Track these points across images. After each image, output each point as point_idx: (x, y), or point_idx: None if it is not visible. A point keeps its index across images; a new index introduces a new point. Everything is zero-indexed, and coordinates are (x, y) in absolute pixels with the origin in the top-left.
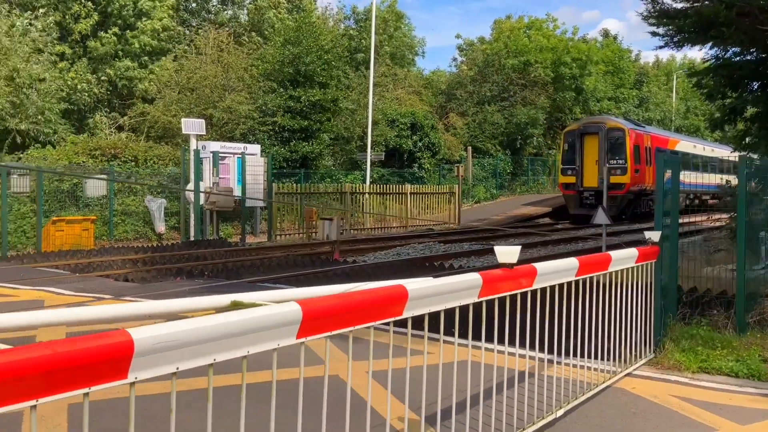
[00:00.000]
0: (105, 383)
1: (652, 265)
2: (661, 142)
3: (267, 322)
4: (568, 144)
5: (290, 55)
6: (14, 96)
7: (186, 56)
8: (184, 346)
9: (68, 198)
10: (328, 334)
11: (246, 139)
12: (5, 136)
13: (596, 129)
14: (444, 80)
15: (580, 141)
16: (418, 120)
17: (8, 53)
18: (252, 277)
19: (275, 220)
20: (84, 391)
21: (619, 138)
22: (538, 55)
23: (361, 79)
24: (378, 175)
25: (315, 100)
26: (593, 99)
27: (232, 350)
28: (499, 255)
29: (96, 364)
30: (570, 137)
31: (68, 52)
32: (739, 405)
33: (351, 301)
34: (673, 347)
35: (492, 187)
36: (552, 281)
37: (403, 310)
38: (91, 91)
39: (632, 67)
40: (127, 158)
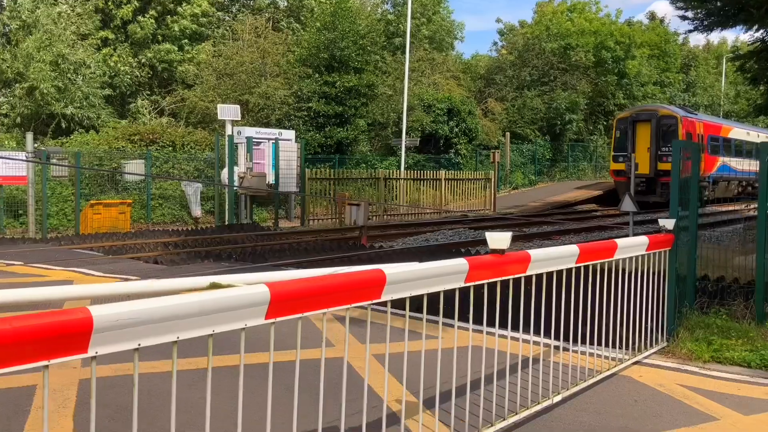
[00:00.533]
0: (65, 356)
1: (666, 253)
2: (714, 129)
3: (233, 302)
4: (620, 131)
5: (326, 41)
6: (59, 81)
7: (224, 42)
8: (145, 323)
9: (108, 182)
10: (300, 315)
11: (281, 124)
12: (50, 121)
13: (649, 116)
14: (483, 65)
15: (633, 128)
16: (455, 105)
17: (54, 39)
18: (278, 261)
19: (308, 205)
20: (44, 363)
21: (671, 126)
22: (579, 39)
23: (398, 64)
24: (413, 160)
25: (350, 85)
26: (637, 83)
27: (197, 329)
28: (490, 241)
29: (56, 338)
30: (622, 124)
31: (110, 37)
32: (747, 395)
33: (324, 284)
34: (687, 336)
35: (530, 173)
36: (548, 268)
37: (381, 294)
38: (133, 73)
39: (679, 51)
40: (165, 143)
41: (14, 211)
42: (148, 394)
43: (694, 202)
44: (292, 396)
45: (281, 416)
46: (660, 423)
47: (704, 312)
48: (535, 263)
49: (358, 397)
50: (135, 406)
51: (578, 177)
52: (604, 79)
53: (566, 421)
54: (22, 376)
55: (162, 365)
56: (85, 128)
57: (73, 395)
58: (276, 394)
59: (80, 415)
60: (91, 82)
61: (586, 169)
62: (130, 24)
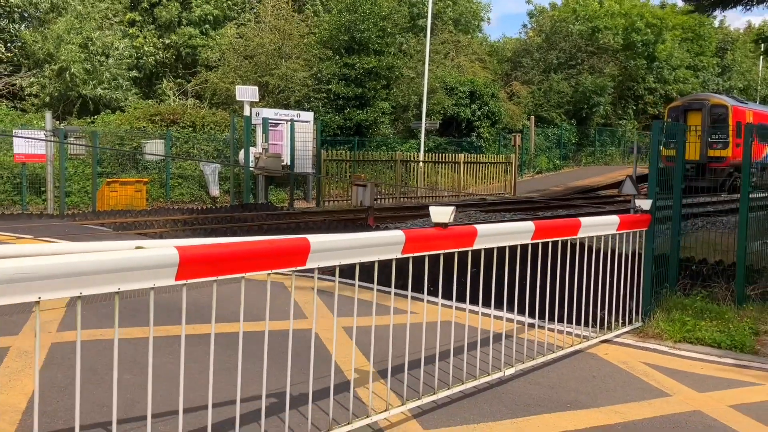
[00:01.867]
0: None
1: (643, 233)
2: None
3: (139, 263)
4: (672, 119)
5: (346, 23)
6: (88, 63)
7: (245, 24)
8: (46, 278)
9: (128, 161)
10: (214, 278)
11: (301, 106)
12: (76, 101)
13: (700, 105)
14: (510, 48)
15: (684, 116)
16: (478, 88)
17: (82, 21)
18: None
19: (324, 186)
20: None
21: (721, 114)
22: (608, 21)
23: (421, 46)
24: (435, 144)
25: (370, 67)
26: (668, 67)
27: (102, 286)
28: (432, 215)
29: None
30: (674, 113)
31: (138, 19)
32: (708, 374)
33: (240, 249)
34: (663, 317)
35: (555, 157)
36: (499, 243)
37: (306, 261)
38: (157, 54)
39: (714, 34)
40: (186, 124)
41: (37, 188)
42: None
43: (678, 185)
44: (239, 362)
45: (222, 381)
46: (610, 398)
47: (686, 294)
48: (483, 238)
49: (307, 366)
50: (37, 354)
51: (605, 162)
52: (634, 62)
53: (517, 393)
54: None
55: (136, 332)
56: (112, 109)
57: (42, 357)
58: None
59: (44, 375)
60: (119, 63)
61: (614, 154)
62: (157, 6)
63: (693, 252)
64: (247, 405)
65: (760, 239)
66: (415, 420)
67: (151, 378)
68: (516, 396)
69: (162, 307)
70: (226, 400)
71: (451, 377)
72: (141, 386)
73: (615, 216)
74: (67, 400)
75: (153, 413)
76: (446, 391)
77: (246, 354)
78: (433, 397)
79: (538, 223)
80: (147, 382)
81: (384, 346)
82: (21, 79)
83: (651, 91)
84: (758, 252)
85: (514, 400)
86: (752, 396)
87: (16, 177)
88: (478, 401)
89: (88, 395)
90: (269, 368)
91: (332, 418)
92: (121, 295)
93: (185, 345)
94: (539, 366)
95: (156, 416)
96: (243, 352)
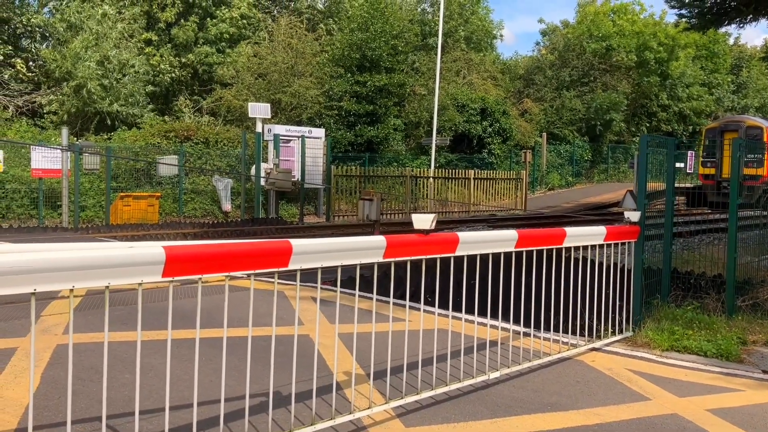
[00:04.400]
0: None
1: (632, 245)
2: None
3: (127, 259)
4: (709, 140)
5: (358, 41)
6: (105, 80)
7: (259, 43)
8: (41, 271)
9: (143, 176)
10: (201, 276)
11: (312, 122)
12: (93, 117)
13: (736, 127)
14: (523, 65)
15: (721, 137)
16: (489, 105)
17: (100, 40)
18: None
19: (334, 201)
20: None
21: (756, 135)
22: (620, 41)
23: (432, 63)
24: (446, 160)
25: (381, 85)
26: (681, 84)
27: (93, 280)
28: (414, 222)
29: None
30: (711, 134)
31: (155, 39)
32: (691, 381)
33: (224, 249)
34: (652, 326)
35: (568, 174)
36: (481, 250)
37: (288, 262)
38: (173, 72)
39: (729, 52)
40: (199, 140)
41: (53, 203)
42: (114, 358)
43: (670, 197)
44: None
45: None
46: (590, 401)
47: (678, 305)
48: (465, 245)
49: (309, 368)
50: (33, 347)
51: (618, 179)
52: (647, 80)
53: (501, 396)
54: (3, 339)
55: (133, 335)
56: (129, 126)
57: (47, 357)
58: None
59: (48, 373)
60: (136, 81)
61: (628, 172)
62: (173, 27)
63: (692, 265)
64: (233, 404)
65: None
66: (398, 419)
67: (140, 375)
68: (498, 398)
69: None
70: (212, 399)
71: (434, 379)
72: (141, 385)
73: (602, 227)
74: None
75: (143, 409)
76: (430, 392)
77: (240, 356)
78: (417, 397)
79: (522, 232)
80: (149, 382)
81: (380, 350)
82: (41, 97)
83: (664, 108)
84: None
85: (496, 402)
86: (731, 401)
87: (33, 191)
88: (461, 402)
89: (89, 392)
90: (258, 369)
91: (315, 413)
92: (127, 300)
93: (182, 347)
94: (525, 371)
95: (145, 412)
96: (238, 354)
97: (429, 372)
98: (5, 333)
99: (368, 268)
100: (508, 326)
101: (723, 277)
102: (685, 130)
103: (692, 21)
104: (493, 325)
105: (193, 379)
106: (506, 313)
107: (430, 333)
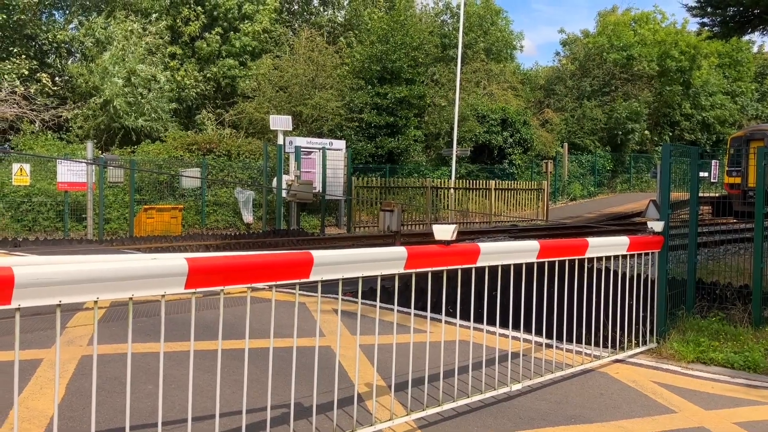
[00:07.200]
0: None
1: (656, 255)
2: None
3: (150, 271)
4: (735, 149)
5: (378, 53)
6: (131, 96)
7: (280, 56)
8: (66, 283)
9: (166, 189)
10: (221, 288)
11: (333, 134)
12: (118, 132)
13: (761, 135)
14: (543, 75)
15: (747, 146)
16: (510, 116)
17: (126, 56)
18: None
19: (355, 212)
20: None
21: None
22: (642, 50)
23: (452, 75)
24: (467, 171)
25: (401, 96)
26: (704, 93)
27: (117, 292)
28: (435, 232)
29: None
30: (736, 143)
31: (179, 52)
32: (717, 393)
33: (246, 261)
34: (677, 338)
35: (590, 184)
36: (503, 261)
37: (309, 274)
38: (198, 87)
39: (752, 59)
40: (221, 153)
41: (78, 215)
42: (137, 369)
43: (694, 208)
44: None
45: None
46: (615, 413)
47: (703, 316)
48: (486, 255)
49: (330, 380)
50: (58, 358)
51: (641, 189)
52: (669, 89)
53: (523, 408)
54: (29, 351)
55: (156, 346)
56: (153, 140)
57: (72, 368)
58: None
59: (73, 384)
60: (160, 96)
61: (651, 181)
62: (197, 40)
63: (717, 275)
64: (255, 415)
65: None
66: (420, 431)
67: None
68: (521, 410)
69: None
70: (234, 410)
71: (456, 391)
72: (165, 396)
73: (625, 237)
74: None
75: (166, 420)
76: (451, 404)
77: (261, 368)
78: (438, 409)
79: (544, 243)
80: (172, 393)
81: (401, 361)
82: (66, 112)
83: (687, 117)
84: None
85: (519, 414)
86: (759, 415)
87: (59, 204)
88: (483, 415)
89: (113, 403)
90: (279, 381)
91: (336, 425)
92: (150, 312)
93: (204, 359)
94: (548, 383)
95: (167, 423)
96: (259, 365)
97: (451, 384)
98: (31, 344)
99: (389, 279)
100: (530, 337)
101: (749, 287)
102: (708, 139)
103: (715, 29)
104: (515, 337)
105: (215, 390)
106: (528, 324)
107: (451, 344)
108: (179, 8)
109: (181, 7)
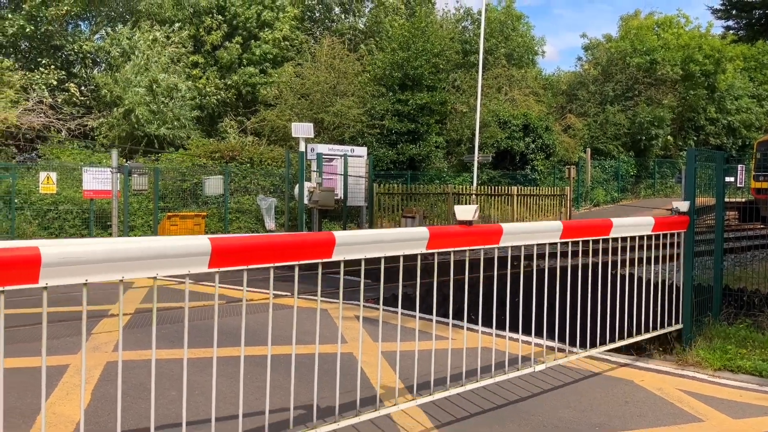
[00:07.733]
0: (19, 284)
1: (681, 235)
2: None
3: (175, 251)
4: (761, 153)
5: (399, 60)
6: (153, 104)
7: (302, 64)
8: (92, 262)
9: (189, 196)
10: (245, 267)
11: (355, 141)
12: (142, 140)
13: None
14: (565, 81)
15: None
16: (532, 121)
17: (149, 65)
18: None
19: (376, 219)
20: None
21: None
22: (665, 54)
23: (474, 81)
24: (488, 177)
25: (422, 103)
26: (730, 97)
27: (141, 271)
28: (457, 213)
29: (9, 269)
30: (762, 147)
31: (201, 61)
32: (746, 402)
33: (270, 240)
34: (704, 345)
35: (613, 190)
36: (526, 241)
37: (332, 253)
38: (219, 95)
39: None
40: (244, 160)
41: (103, 222)
42: (159, 375)
43: (720, 211)
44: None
45: None
46: (640, 422)
47: (730, 323)
48: (509, 235)
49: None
50: (84, 362)
51: (665, 194)
52: (693, 93)
53: (545, 415)
54: (55, 356)
55: (180, 352)
56: (176, 147)
57: (98, 374)
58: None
59: (98, 390)
60: (182, 105)
61: (675, 187)
62: (219, 49)
63: (744, 282)
64: (278, 414)
65: None
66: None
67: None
68: (544, 418)
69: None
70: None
71: (480, 399)
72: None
73: (650, 217)
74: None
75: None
76: (474, 410)
77: (283, 373)
78: (460, 415)
79: (567, 223)
80: (193, 399)
81: (423, 367)
82: (92, 121)
83: (712, 121)
84: None
85: (542, 422)
86: None
87: (84, 212)
88: (506, 422)
89: (138, 408)
90: (302, 386)
91: None
92: (173, 318)
93: (227, 365)
94: (572, 390)
95: (191, 423)
96: (281, 371)
97: (475, 392)
98: (57, 350)
99: (411, 287)
100: (553, 344)
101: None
102: (734, 144)
103: (740, 33)
104: (538, 343)
105: (237, 396)
106: (551, 330)
107: (473, 351)
108: (202, 17)
109: (204, 17)
